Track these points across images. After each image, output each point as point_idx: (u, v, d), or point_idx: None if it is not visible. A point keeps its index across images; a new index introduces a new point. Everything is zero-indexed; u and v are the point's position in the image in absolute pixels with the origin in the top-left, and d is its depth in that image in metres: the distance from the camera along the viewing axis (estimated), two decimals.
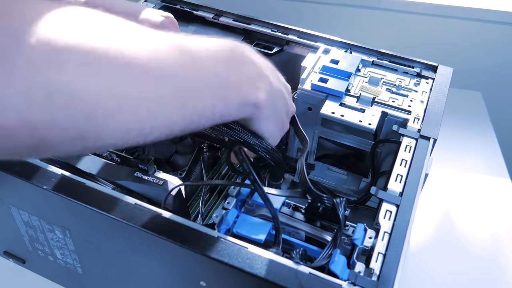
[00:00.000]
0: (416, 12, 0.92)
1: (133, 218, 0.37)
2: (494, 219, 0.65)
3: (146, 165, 0.43)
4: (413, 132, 0.47)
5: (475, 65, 0.95)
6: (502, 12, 0.90)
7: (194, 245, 0.35)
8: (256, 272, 0.33)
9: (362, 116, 0.49)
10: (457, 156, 0.76)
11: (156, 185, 0.41)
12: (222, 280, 0.37)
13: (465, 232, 0.64)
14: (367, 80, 0.54)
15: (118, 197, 0.38)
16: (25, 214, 0.44)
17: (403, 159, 0.44)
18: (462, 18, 0.92)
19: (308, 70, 0.54)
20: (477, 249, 0.62)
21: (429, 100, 0.51)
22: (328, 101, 0.51)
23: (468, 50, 0.96)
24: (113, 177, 0.42)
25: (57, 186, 0.39)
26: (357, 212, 0.57)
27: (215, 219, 0.40)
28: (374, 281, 0.34)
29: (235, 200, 0.42)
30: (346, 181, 0.59)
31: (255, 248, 0.35)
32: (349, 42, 0.59)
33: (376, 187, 0.41)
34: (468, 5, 0.90)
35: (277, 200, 0.41)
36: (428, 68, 0.56)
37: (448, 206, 0.67)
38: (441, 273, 0.58)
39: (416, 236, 0.63)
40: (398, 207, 0.40)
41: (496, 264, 0.60)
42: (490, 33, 0.93)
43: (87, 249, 0.44)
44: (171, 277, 0.41)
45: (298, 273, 0.34)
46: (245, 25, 0.62)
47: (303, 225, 0.42)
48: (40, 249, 0.48)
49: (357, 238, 0.38)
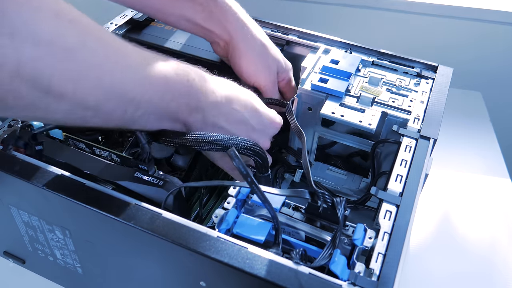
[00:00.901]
0: (416, 12, 0.92)
1: (133, 218, 0.37)
2: (494, 219, 0.65)
3: (146, 166, 0.43)
4: (413, 132, 0.47)
5: (475, 65, 0.95)
6: (502, 12, 0.90)
7: (194, 246, 0.35)
8: (256, 272, 0.33)
9: (362, 116, 0.49)
10: (457, 156, 0.76)
11: (156, 186, 0.41)
12: (222, 281, 0.37)
13: (465, 232, 0.64)
14: (367, 80, 0.54)
15: (118, 197, 0.38)
16: (25, 214, 0.44)
17: (403, 159, 0.44)
18: (463, 18, 0.92)
19: (308, 70, 0.54)
20: (477, 249, 0.62)
21: (429, 100, 0.51)
22: (328, 101, 0.51)
23: (468, 50, 0.95)
24: (113, 177, 0.42)
25: (57, 186, 0.39)
26: (357, 212, 0.57)
27: (215, 219, 0.40)
28: (374, 281, 0.34)
29: (235, 200, 0.42)
30: (346, 181, 0.59)
31: (255, 248, 0.35)
32: (349, 42, 0.59)
33: (376, 187, 0.41)
34: (468, 5, 0.90)
35: (277, 200, 0.41)
36: (428, 68, 0.56)
37: (448, 206, 0.67)
38: (441, 273, 0.58)
39: (416, 236, 0.63)
40: (398, 207, 0.40)
41: (496, 264, 0.60)
42: (491, 34, 0.93)
43: (87, 249, 0.44)
44: (171, 277, 0.41)
45: (298, 273, 0.34)
46: None
47: (303, 225, 0.42)
48: (40, 249, 0.48)
49: (357, 238, 0.38)
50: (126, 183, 0.42)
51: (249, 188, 0.38)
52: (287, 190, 0.41)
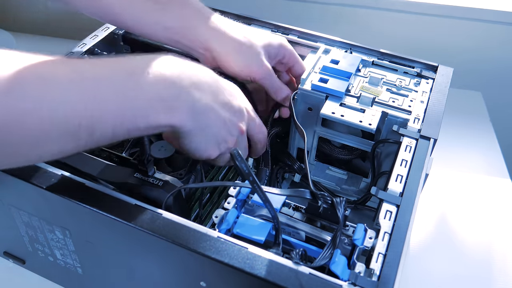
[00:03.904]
0: (416, 12, 0.92)
1: (133, 219, 0.37)
2: (494, 219, 0.65)
3: (146, 166, 0.43)
4: (413, 132, 0.47)
5: (475, 65, 0.95)
6: (502, 12, 0.90)
7: (195, 246, 0.35)
8: (256, 272, 0.33)
9: (362, 116, 0.49)
10: (457, 156, 0.76)
11: (156, 186, 0.41)
12: (222, 281, 0.37)
13: (465, 232, 0.64)
14: (367, 80, 0.54)
15: (118, 198, 0.38)
16: (25, 214, 0.44)
17: (403, 159, 0.44)
18: (462, 18, 0.92)
19: (308, 70, 0.54)
20: (477, 249, 0.62)
21: (429, 100, 0.51)
22: (328, 101, 0.51)
23: (468, 50, 0.95)
24: (113, 178, 0.42)
25: (57, 187, 0.39)
26: (357, 212, 0.57)
27: (215, 219, 0.40)
28: (374, 281, 0.34)
29: (235, 200, 0.42)
30: (346, 181, 0.59)
31: (255, 248, 0.35)
32: (349, 42, 0.59)
33: (377, 187, 0.41)
34: (468, 5, 0.90)
35: (277, 200, 0.41)
36: (428, 68, 0.56)
37: (448, 206, 0.67)
38: (441, 273, 0.58)
39: (416, 236, 0.63)
40: (398, 207, 0.39)
41: (496, 264, 0.60)
42: (490, 33, 0.93)
43: (87, 250, 0.44)
44: (171, 277, 0.41)
45: (298, 274, 0.34)
46: (245, 25, 0.62)
47: (303, 225, 0.42)
48: (40, 250, 0.48)
49: (358, 238, 0.38)
50: (126, 184, 0.42)
51: (250, 188, 0.38)
52: (288, 190, 0.41)
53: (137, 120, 0.35)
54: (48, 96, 0.30)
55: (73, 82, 0.32)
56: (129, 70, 0.35)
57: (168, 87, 0.36)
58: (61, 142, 0.32)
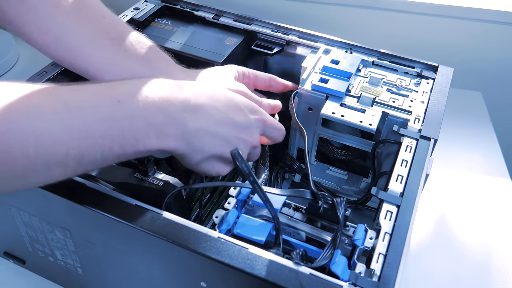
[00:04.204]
0: (416, 12, 0.92)
1: (133, 219, 0.36)
2: (494, 219, 0.65)
3: (146, 166, 0.43)
4: (414, 133, 0.47)
5: (475, 65, 0.95)
6: (502, 12, 0.90)
7: (195, 246, 0.35)
8: (257, 273, 0.33)
9: (363, 116, 0.49)
10: (457, 156, 0.76)
11: (156, 186, 0.41)
12: (222, 281, 0.37)
13: (465, 232, 0.64)
14: (368, 80, 0.54)
15: (118, 198, 0.38)
16: (25, 214, 0.44)
17: (404, 160, 0.44)
18: (462, 18, 0.92)
19: (308, 70, 0.54)
20: (478, 249, 0.62)
21: (430, 101, 0.51)
22: (328, 102, 0.51)
23: (469, 50, 0.95)
24: (113, 178, 0.42)
25: (57, 187, 0.39)
26: (357, 212, 0.57)
27: (216, 220, 0.40)
28: (374, 281, 0.34)
29: (235, 200, 0.42)
30: (347, 182, 0.59)
31: (256, 248, 0.35)
32: (349, 42, 0.59)
33: (377, 188, 0.41)
34: (468, 5, 0.90)
35: (277, 200, 0.41)
36: (428, 68, 0.56)
37: (448, 206, 0.67)
38: (441, 273, 0.58)
39: (417, 237, 0.63)
40: (398, 208, 0.39)
41: (496, 264, 0.60)
42: (490, 33, 0.93)
43: (87, 250, 0.44)
44: (171, 277, 0.41)
45: (299, 274, 0.34)
46: (246, 25, 0.62)
47: (304, 225, 0.42)
48: (40, 250, 0.48)
49: (358, 238, 0.38)
50: (126, 184, 0.42)
51: (251, 188, 0.38)
52: (288, 190, 0.41)
53: (126, 147, 0.35)
54: (34, 128, 0.30)
55: (57, 113, 0.31)
56: (115, 97, 0.35)
57: (156, 112, 0.36)
58: (49, 170, 0.32)
